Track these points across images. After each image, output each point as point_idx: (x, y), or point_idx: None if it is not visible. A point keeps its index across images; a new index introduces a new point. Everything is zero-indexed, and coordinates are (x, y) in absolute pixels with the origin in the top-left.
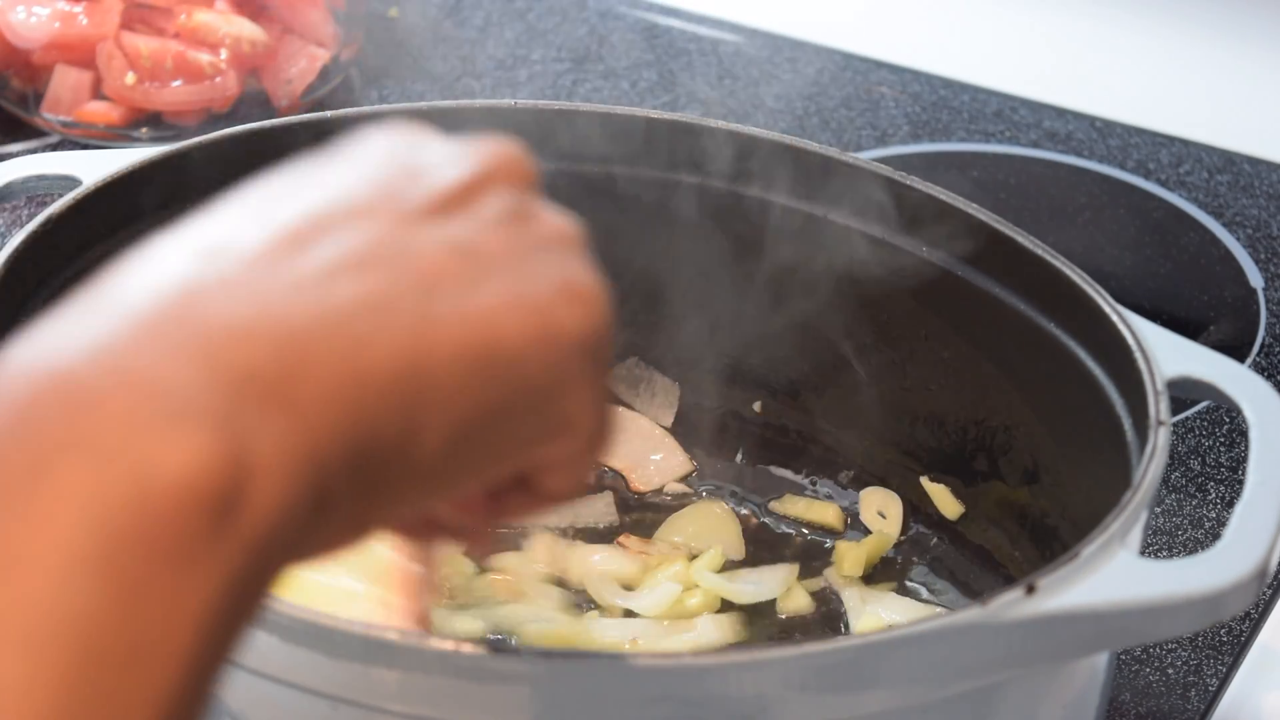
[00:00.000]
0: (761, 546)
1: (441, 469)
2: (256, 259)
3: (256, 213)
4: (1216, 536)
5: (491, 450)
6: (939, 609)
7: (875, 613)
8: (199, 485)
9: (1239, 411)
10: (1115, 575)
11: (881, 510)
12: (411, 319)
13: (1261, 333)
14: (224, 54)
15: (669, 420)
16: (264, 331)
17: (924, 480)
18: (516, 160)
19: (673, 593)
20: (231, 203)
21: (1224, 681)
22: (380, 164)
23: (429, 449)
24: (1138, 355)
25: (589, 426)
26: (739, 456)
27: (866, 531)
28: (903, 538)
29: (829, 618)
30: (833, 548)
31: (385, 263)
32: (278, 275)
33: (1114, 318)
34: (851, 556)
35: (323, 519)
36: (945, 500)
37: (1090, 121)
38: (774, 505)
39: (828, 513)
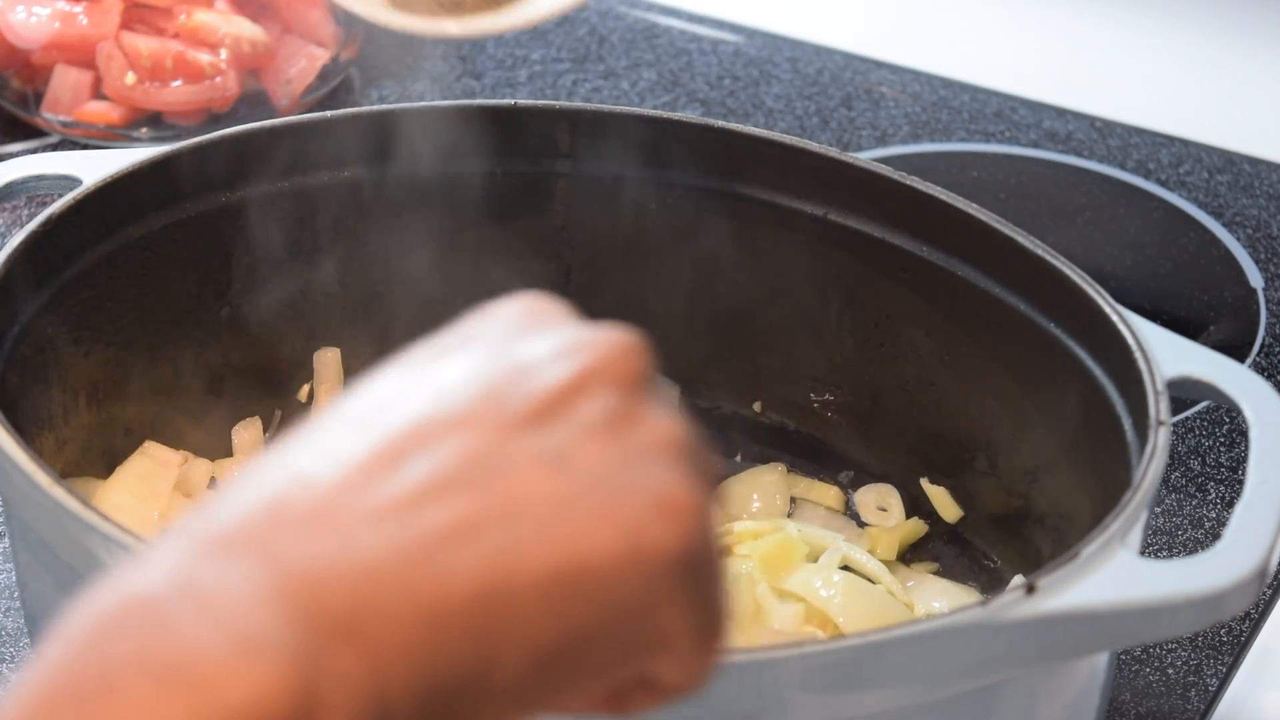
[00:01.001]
0: None
1: (522, 693)
2: (345, 485)
3: (358, 425)
4: (1216, 536)
5: (578, 672)
6: (976, 594)
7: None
8: (264, 717)
9: (1239, 411)
10: (1115, 575)
11: (881, 504)
12: (496, 545)
13: (1261, 333)
14: (224, 54)
15: None
16: (340, 568)
17: (924, 483)
18: (627, 354)
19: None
20: (343, 406)
21: (1224, 681)
22: (491, 357)
23: (508, 675)
24: (1138, 355)
25: (688, 641)
26: (739, 456)
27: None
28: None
29: None
30: (866, 526)
31: (475, 484)
32: (362, 504)
33: (1114, 318)
34: (885, 541)
35: None
36: (944, 503)
37: (1090, 121)
38: None
39: (828, 494)
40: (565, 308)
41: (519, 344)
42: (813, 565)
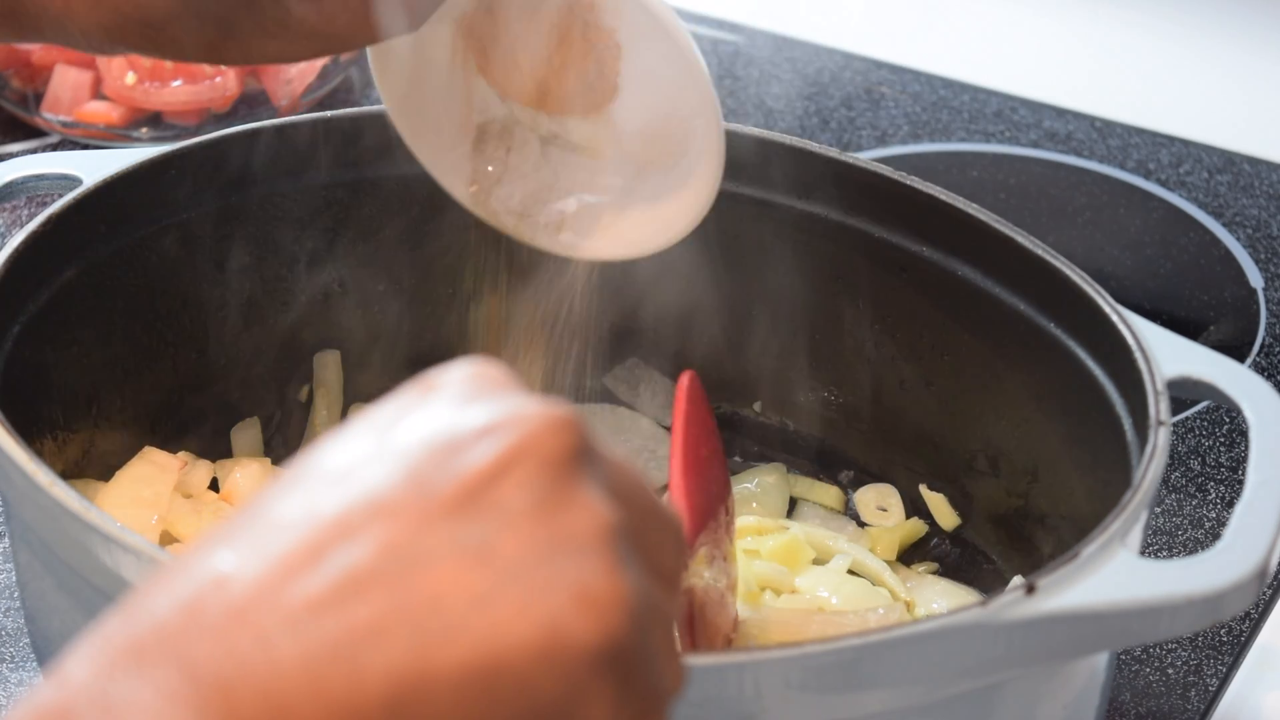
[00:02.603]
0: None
1: None
2: (262, 585)
3: (280, 517)
4: (1216, 536)
5: None
6: (976, 594)
7: (924, 599)
8: None
9: (1239, 411)
10: (1115, 575)
11: (881, 504)
12: (411, 643)
13: (1261, 333)
14: None
15: (669, 420)
16: (254, 674)
17: (922, 489)
18: (557, 432)
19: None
20: (270, 493)
21: (1224, 681)
22: (421, 438)
23: None
24: (1138, 355)
25: None
26: (739, 456)
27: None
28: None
29: None
30: (866, 526)
31: (392, 580)
32: (279, 604)
33: (1114, 318)
34: (885, 541)
35: None
36: (942, 510)
37: (1090, 121)
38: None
39: (828, 494)
40: (506, 376)
41: (450, 420)
42: (821, 568)
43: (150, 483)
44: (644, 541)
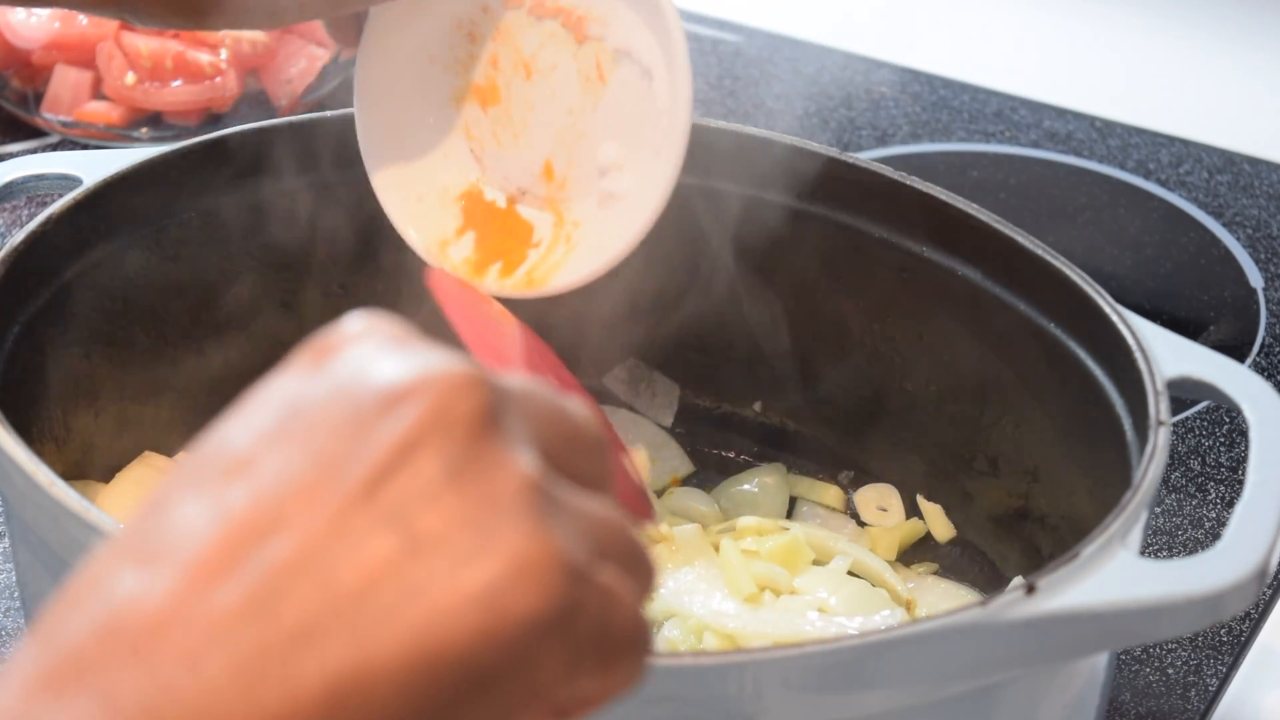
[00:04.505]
0: None
1: None
2: (179, 597)
3: (185, 521)
4: (1216, 536)
5: None
6: (976, 594)
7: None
8: None
9: (1239, 411)
10: (1115, 575)
11: (881, 505)
12: (343, 641)
13: (1261, 333)
14: (224, 54)
15: (669, 420)
16: (180, 697)
17: (919, 499)
18: (462, 392)
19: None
20: (166, 493)
21: (1224, 681)
22: (327, 416)
23: None
24: (1138, 355)
25: (586, 676)
26: (739, 456)
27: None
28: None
29: None
30: (866, 526)
31: (315, 575)
32: (198, 616)
33: (1114, 318)
34: (885, 541)
35: None
36: (938, 521)
37: (1090, 121)
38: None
39: (828, 494)
40: (398, 329)
41: (352, 392)
42: (821, 569)
43: (150, 485)
44: (570, 465)
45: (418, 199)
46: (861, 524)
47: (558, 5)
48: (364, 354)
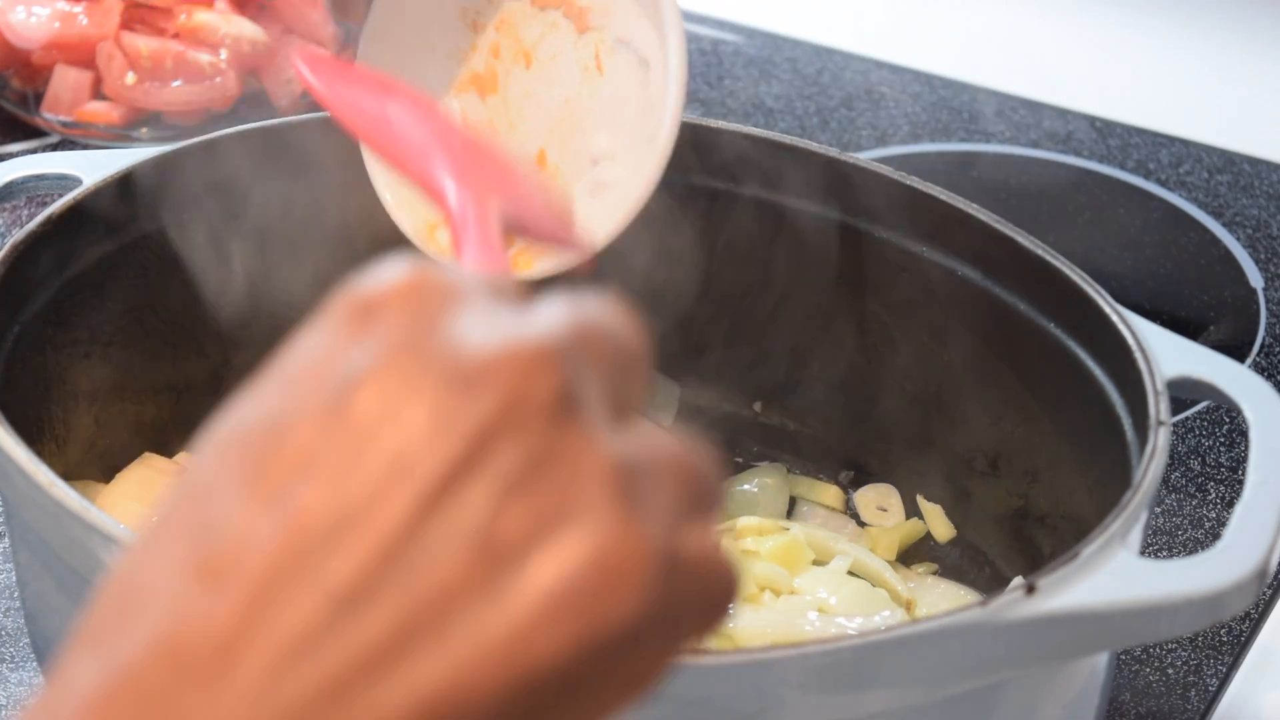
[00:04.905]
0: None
1: None
2: (247, 618)
3: (246, 524)
4: (1216, 536)
5: None
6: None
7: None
8: None
9: (1239, 411)
10: (1115, 575)
11: (881, 505)
12: (431, 659)
13: (1261, 333)
14: (224, 54)
15: (669, 420)
16: None
17: (920, 499)
18: (538, 368)
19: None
20: (216, 491)
21: (1224, 681)
22: (384, 405)
23: None
24: (1138, 355)
25: (678, 648)
26: (739, 456)
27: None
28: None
29: None
30: (866, 526)
31: (393, 590)
32: (267, 641)
33: (1114, 318)
34: (885, 541)
35: None
36: (938, 522)
37: (1090, 121)
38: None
39: (828, 494)
40: (442, 279)
41: (410, 373)
42: (821, 569)
43: (150, 485)
44: (622, 394)
45: (410, 184)
46: (861, 524)
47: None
48: (417, 321)
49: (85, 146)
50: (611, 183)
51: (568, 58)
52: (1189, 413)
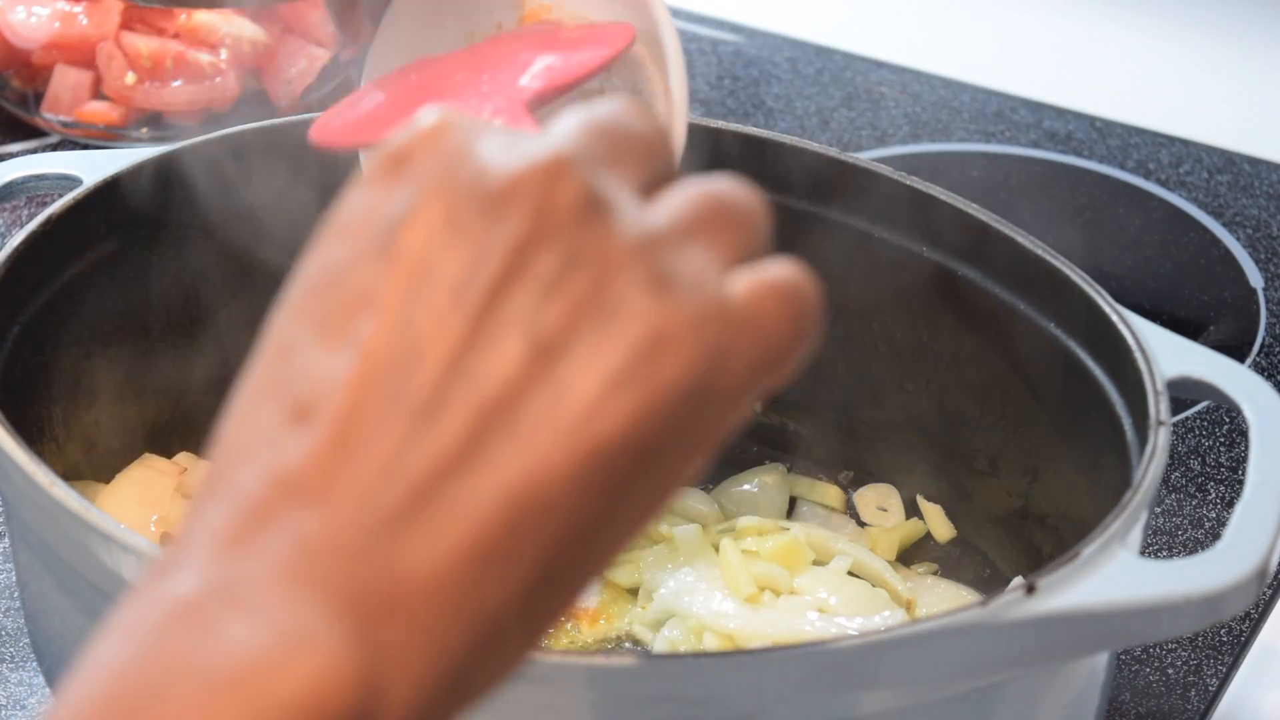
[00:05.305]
0: None
1: (588, 570)
2: (341, 444)
3: (324, 374)
4: (1216, 536)
5: (639, 510)
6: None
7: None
8: (324, 709)
9: (1239, 411)
10: (1115, 575)
11: (881, 505)
12: (508, 453)
13: (1261, 333)
14: (224, 54)
15: None
16: (366, 536)
17: (920, 499)
18: (558, 178)
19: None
20: (292, 342)
21: (1224, 681)
22: (432, 234)
23: (565, 573)
24: (1138, 355)
25: (752, 395)
26: (739, 456)
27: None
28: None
29: None
30: (866, 526)
31: (463, 397)
32: (362, 460)
33: (1114, 318)
34: (885, 541)
35: (469, 683)
36: (938, 522)
37: (1090, 121)
38: None
39: (828, 494)
40: (462, 118)
41: (445, 204)
42: (821, 569)
43: (150, 485)
44: (650, 176)
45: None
46: (861, 524)
47: (559, 18)
48: (445, 159)
49: (85, 146)
50: None
51: None
52: (1189, 413)
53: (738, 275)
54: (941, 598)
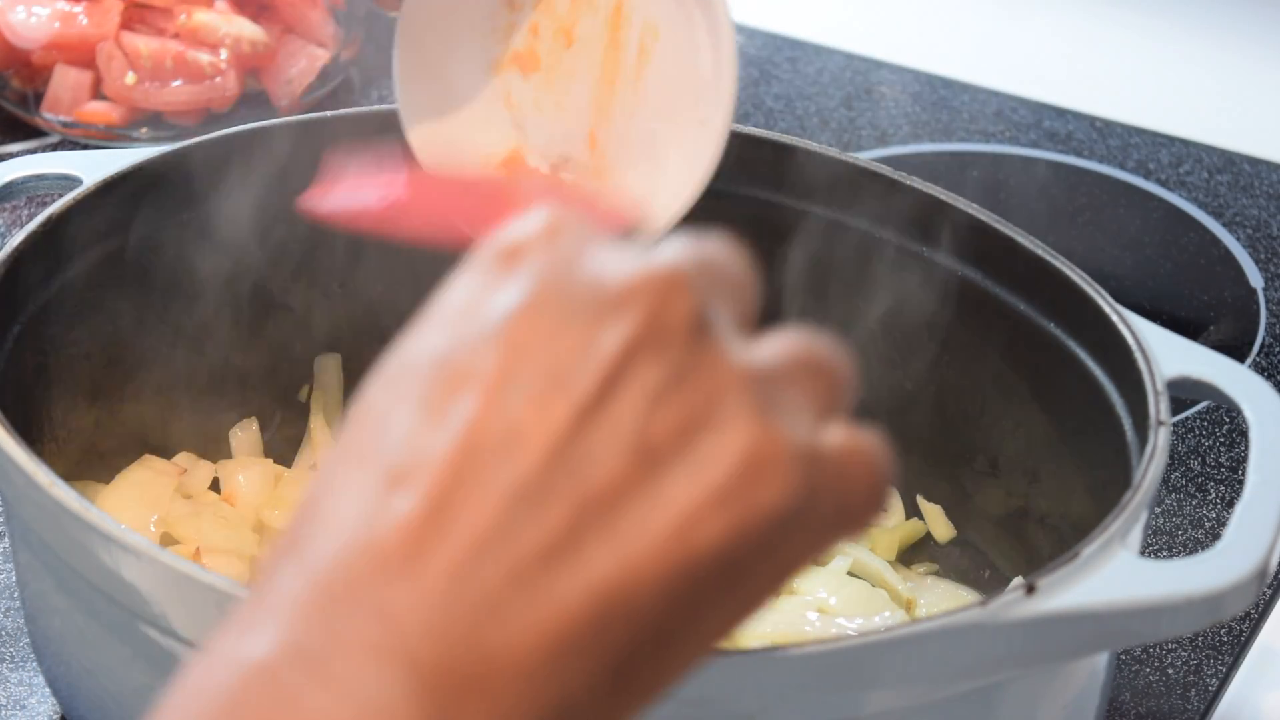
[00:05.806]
0: None
1: (659, 679)
2: (434, 517)
3: (420, 446)
4: (1216, 536)
5: (713, 628)
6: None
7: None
8: None
9: (1239, 411)
10: (1115, 575)
11: None
12: (602, 552)
13: (1261, 333)
14: (224, 54)
15: None
16: (454, 613)
17: (920, 499)
18: (674, 290)
19: None
20: (387, 413)
21: (1224, 681)
22: (546, 330)
23: (638, 677)
24: (1138, 355)
25: (833, 535)
26: None
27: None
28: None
29: None
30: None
31: (562, 491)
32: (455, 536)
33: (1114, 318)
34: (885, 541)
35: None
36: (938, 522)
37: (1090, 121)
38: None
39: None
40: (573, 220)
41: (560, 301)
42: (821, 569)
43: (150, 485)
44: (743, 315)
45: (459, 167)
46: None
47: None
48: (560, 258)
49: (85, 146)
50: (666, 165)
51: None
52: (1189, 413)
53: (829, 428)
54: (941, 598)
